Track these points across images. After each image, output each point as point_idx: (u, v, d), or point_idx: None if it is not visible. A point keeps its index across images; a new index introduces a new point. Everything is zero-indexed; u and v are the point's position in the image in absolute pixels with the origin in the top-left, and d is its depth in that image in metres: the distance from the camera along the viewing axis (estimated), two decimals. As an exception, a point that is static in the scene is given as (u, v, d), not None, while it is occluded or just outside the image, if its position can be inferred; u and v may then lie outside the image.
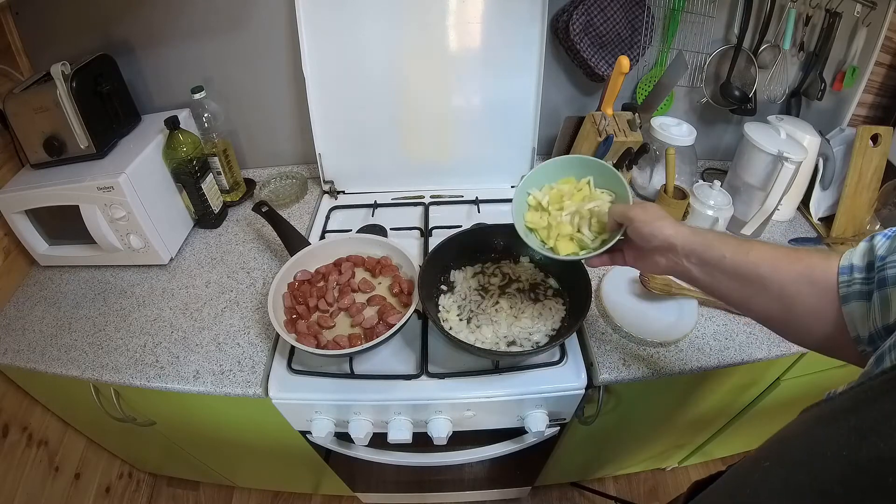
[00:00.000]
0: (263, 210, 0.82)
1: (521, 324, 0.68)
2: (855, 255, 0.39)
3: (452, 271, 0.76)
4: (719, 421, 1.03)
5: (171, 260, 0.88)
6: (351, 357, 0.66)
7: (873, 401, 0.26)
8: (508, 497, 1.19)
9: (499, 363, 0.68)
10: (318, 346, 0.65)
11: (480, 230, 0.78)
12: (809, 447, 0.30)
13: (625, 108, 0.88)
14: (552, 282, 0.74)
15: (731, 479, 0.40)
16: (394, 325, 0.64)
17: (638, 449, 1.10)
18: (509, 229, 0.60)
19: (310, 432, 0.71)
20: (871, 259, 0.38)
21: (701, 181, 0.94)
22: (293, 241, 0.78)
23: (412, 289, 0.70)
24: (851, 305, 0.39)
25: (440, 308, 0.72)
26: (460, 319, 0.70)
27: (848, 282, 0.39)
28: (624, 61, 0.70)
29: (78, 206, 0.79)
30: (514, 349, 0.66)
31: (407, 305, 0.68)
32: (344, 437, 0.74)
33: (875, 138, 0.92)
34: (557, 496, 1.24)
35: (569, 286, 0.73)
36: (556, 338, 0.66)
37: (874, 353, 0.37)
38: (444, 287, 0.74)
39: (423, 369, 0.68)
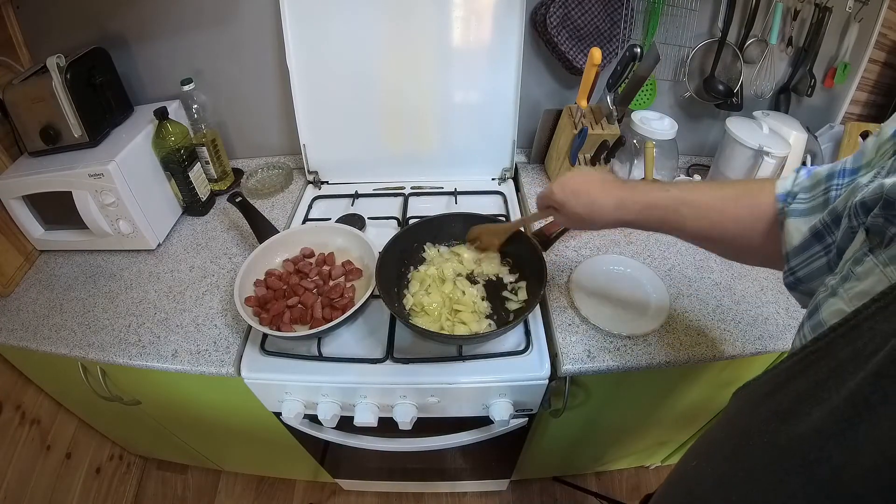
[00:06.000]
0: (237, 200, 0.86)
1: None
2: (787, 182, 0.43)
3: (411, 267, 0.77)
4: (702, 418, 1.02)
5: (160, 245, 0.92)
6: (319, 339, 0.68)
7: (788, 382, 0.27)
8: (488, 489, 1.20)
9: (462, 349, 0.69)
10: (279, 328, 0.67)
11: (416, 226, 0.78)
12: (734, 439, 0.31)
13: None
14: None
15: (669, 485, 0.41)
16: (355, 305, 0.67)
17: (617, 445, 1.10)
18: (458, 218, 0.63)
19: (281, 413, 0.73)
20: (792, 189, 0.42)
21: (683, 175, 0.94)
22: (263, 230, 0.82)
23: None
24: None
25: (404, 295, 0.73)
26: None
27: (783, 207, 0.42)
28: (596, 53, 0.71)
29: (71, 192, 0.83)
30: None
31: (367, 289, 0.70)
32: (316, 421, 0.76)
33: (865, 135, 0.90)
34: (538, 490, 1.24)
35: (523, 266, 0.75)
36: (519, 314, 0.67)
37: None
38: (405, 276, 0.76)
39: (388, 354, 0.69)
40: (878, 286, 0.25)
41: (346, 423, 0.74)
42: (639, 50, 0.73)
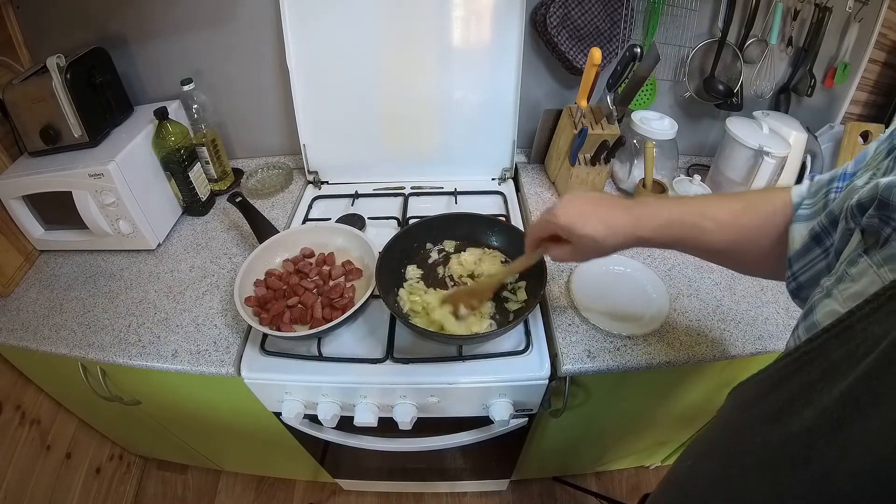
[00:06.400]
0: (237, 200, 0.86)
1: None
2: (803, 188, 0.42)
3: (408, 266, 0.77)
4: (702, 418, 1.02)
5: (160, 245, 0.92)
6: (319, 339, 0.68)
7: (781, 383, 0.27)
8: (488, 489, 1.20)
9: (462, 349, 0.69)
10: (279, 328, 0.67)
11: (412, 229, 0.77)
12: (728, 439, 0.32)
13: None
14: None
15: (666, 485, 0.41)
16: (355, 305, 0.67)
17: (617, 445, 1.10)
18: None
19: (281, 413, 0.73)
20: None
21: (682, 175, 0.94)
22: (263, 230, 0.82)
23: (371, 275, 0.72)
24: None
25: (399, 299, 0.73)
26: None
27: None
28: (595, 53, 0.71)
29: (71, 192, 0.83)
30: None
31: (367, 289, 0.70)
32: (316, 421, 0.76)
33: (865, 136, 0.91)
34: (539, 490, 1.24)
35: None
36: (519, 314, 0.67)
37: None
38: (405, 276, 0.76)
39: (388, 354, 0.69)
40: (872, 287, 0.25)
41: (346, 423, 0.74)
42: (639, 50, 0.73)
